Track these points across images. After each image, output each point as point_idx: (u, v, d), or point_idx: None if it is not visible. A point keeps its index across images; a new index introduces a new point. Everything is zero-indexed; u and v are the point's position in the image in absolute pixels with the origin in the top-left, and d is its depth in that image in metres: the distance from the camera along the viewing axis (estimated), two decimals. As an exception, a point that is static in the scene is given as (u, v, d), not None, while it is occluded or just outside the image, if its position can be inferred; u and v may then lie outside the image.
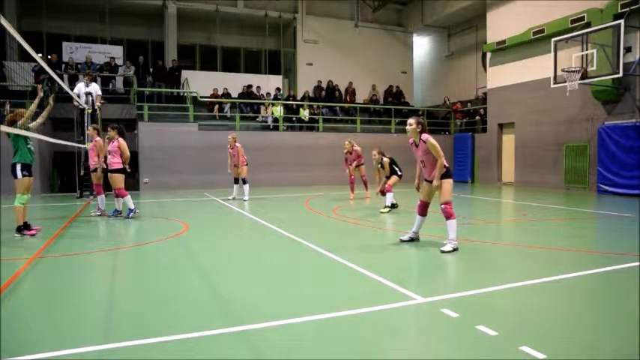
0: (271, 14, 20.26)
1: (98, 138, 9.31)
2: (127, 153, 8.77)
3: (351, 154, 12.23)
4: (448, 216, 5.65)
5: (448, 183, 5.77)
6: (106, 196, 9.54)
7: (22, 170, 6.74)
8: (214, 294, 4.11)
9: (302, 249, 6.05)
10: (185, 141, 15.55)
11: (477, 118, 19.57)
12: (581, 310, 3.74)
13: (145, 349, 2.88)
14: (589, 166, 14.18)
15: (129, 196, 8.76)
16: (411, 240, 6.24)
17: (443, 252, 5.53)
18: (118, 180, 8.69)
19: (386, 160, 10.21)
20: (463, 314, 3.42)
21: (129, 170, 9.00)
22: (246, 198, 11.64)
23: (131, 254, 5.95)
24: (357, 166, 12.23)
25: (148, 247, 6.32)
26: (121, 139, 8.75)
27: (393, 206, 9.69)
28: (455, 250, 5.58)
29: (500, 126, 17.91)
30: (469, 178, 18.86)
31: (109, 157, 8.77)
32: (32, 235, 6.77)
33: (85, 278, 4.77)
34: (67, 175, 15.68)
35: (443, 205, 5.70)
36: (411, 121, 5.87)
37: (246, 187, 11.81)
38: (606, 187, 13.28)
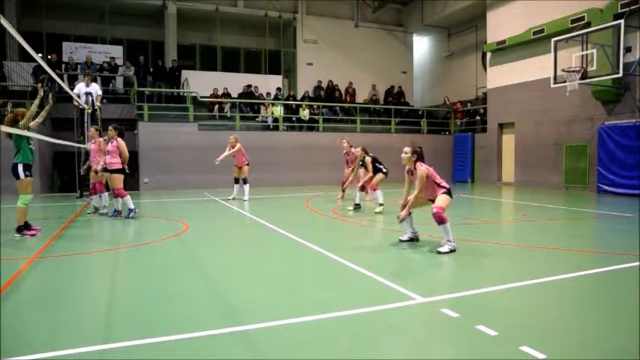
0: (271, 14, 20.26)
1: (100, 139, 9.27)
2: (127, 153, 8.75)
3: (348, 154, 12.06)
4: (440, 221, 5.55)
5: (447, 197, 5.76)
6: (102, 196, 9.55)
7: (24, 170, 6.73)
8: (214, 294, 4.11)
9: (302, 249, 6.05)
10: (185, 141, 15.55)
11: (477, 118, 19.57)
12: (581, 310, 3.74)
13: (145, 349, 2.88)
14: (589, 166, 14.17)
15: (128, 196, 8.75)
16: (411, 240, 6.22)
17: (440, 253, 5.50)
18: (118, 180, 8.67)
19: (368, 158, 10.06)
20: (463, 314, 3.42)
21: (127, 171, 8.98)
22: (246, 198, 11.63)
23: (131, 254, 5.95)
24: (354, 169, 12.03)
25: (147, 247, 6.32)
26: (120, 140, 8.73)
27: (380, 205, 9.54)
28: (452, 251, 5.55)
29: (500, 126, 17.91)
30: (469, 178, 18.86)
31: (107, 157, 8.72)
32: (32, 235, 6.77)
33: (85, 278, 4.77)
34: (67, 175, 15.68)
35: (435, 209, 5.59)
36: (407, 149, 5.92)
37: (247, 187, 11.80)
38: (606, 187, 13.28)
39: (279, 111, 17.87)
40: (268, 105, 18.01)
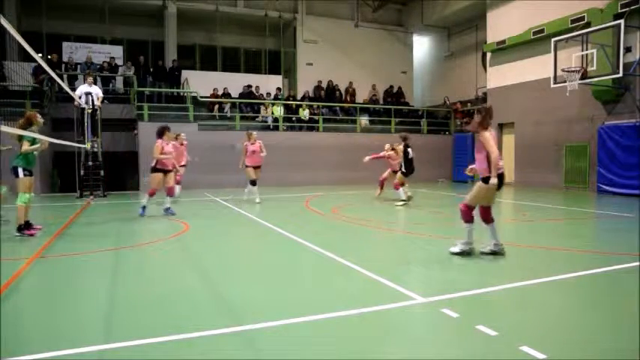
0: (271, 14, 20.26)
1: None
2: None
3: (389, 157, 12.10)
4: (464, 219, 5.30)
5: (485, 188, 5.20)
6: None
7: (23, 170, 6.76)
8: (214, 294, 4.11)
9: (302, 249, 6.05)
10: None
11: (477, 118, 19.53)
12: (581, 310, 3.74)
13: (145, 349, 2.88)
14: (589, 166, 14.17)
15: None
16: (494, 253, 5.38)
17: (452, 253, 5.32)
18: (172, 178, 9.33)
19: (399, 147, 10.77)
20: (463, 314, 3.42)
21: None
22: (245, 197, 11.59)
23: (131, 254, 5.94)
24: (394, 172, 12.07)
25: (148, 247, 6.33)
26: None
27: (407, 200, 10.19)
28: (465, 253, 5.30)
29: (500, 126, 17.90)
30: (469, 178, 18.84)
31: (170, 157, 9.05)
32: (31, 235, 6.76)
33: (85, 278, 4.77)
34: (67, 175, 15.68)
35: (461, 205, 5.37)
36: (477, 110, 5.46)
37: (254, 188, 11.35)
38: (606, 187, 13.27)
39: (279, 111, 17.87)
40: (268, 105, 18.01)
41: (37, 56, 6.92)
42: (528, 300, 3.94)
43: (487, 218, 5.41)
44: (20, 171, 6.74)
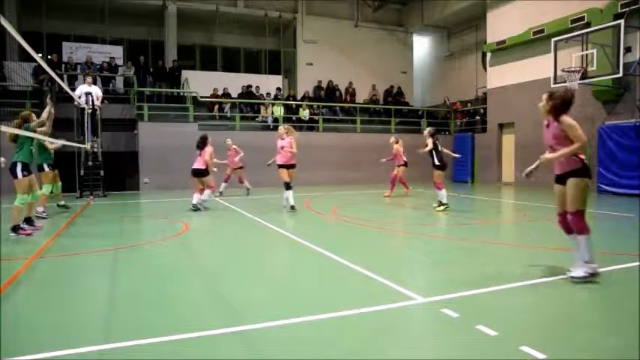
0: (271, 14, 20.26)
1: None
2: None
3: (397, 153, 12.11)
4: (578, 230, 4.37)
5: (582, 183, 4.41)
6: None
7: (22, 170, 6.72)
8: (214, 294, 4.11)
9: (302, 249, 6.05)
10: (185, 141, 15.49)
11: (477, 118, 19.56)
12: (581, 310, 3.74)
13: (145, 349, 2.88)
14: (589, 166, 14.14)
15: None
16: (591, 275, 4.30)
17: (573, 278, 4.31)
18: None
19: (429, 140, 9.73)
20: (463, 314, 3.42)
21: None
22: (284, 204, 9.84)
23: (131, 254, 5.94)
24: (398, 166, 12.14)
25: (148, 247, 6.33)
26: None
27: (442, 204, 9.46)
28: (592, 275, 4.26)
29: (500, 126, 17.90)
30: (469, 178, 18.85)
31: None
32: (28, 235, 6.73)
33: (85, 278, 4.77)
34: (67, 175, 15.67)
35: (570, 215, 4.40)
36: (544, 96, 4.43)
37: (288, 193, 9.66)
38: (606, 187, 13.27)
39: (279, 111, 17.87)
40: (268, 105, 18.01)
41: (37, 56, 6.92)
42: (528, 300, 3.94)
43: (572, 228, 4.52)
44: (19, 171, 6.68)
